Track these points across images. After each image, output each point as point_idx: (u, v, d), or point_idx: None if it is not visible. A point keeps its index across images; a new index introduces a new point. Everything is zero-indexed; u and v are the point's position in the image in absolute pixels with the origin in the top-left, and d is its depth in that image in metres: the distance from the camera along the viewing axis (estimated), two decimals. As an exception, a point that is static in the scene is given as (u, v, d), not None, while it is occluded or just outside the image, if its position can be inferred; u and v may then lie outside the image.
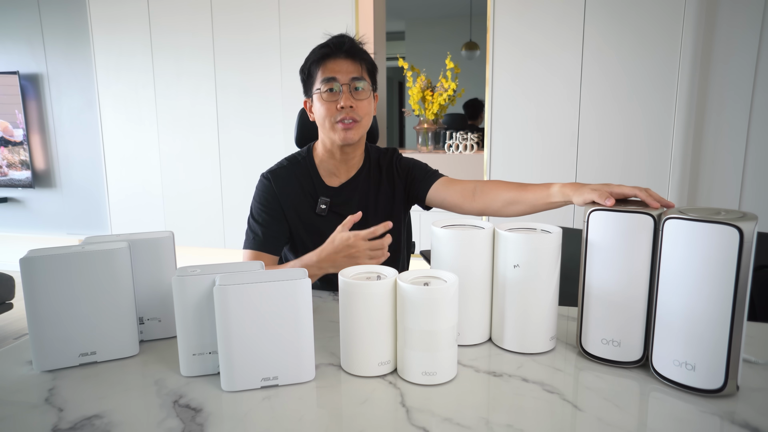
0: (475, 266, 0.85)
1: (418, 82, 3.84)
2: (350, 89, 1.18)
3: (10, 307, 2.61)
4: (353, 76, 1.18)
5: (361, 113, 1.20)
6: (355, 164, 1.31)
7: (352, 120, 1.18)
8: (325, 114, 1.19)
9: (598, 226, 0.78)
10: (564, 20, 2.83)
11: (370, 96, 1.22)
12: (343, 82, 1.17)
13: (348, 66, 1.19)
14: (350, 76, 1.18)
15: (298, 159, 1.32)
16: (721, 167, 2.79)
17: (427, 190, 1.27)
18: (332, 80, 1.17)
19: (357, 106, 1.19)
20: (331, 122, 1.19)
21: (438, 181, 1.27)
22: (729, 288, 0.66)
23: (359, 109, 1.19)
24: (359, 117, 1.19)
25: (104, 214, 4.08)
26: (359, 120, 1.20)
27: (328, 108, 1.19)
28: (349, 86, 1.18)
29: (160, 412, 0.68)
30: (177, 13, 3.56)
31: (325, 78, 1.18)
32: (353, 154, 1.28)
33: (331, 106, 1.18)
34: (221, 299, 0.70)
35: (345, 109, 1.17)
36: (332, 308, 1.06)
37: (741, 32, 2.64)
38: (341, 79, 1.18)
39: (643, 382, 0.75)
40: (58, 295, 0.79)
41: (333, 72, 1.18)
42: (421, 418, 0.65)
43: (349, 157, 1.28)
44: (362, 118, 1.20)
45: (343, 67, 1.18)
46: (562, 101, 2.89)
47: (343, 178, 1.30)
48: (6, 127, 4.06)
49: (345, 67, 1.18)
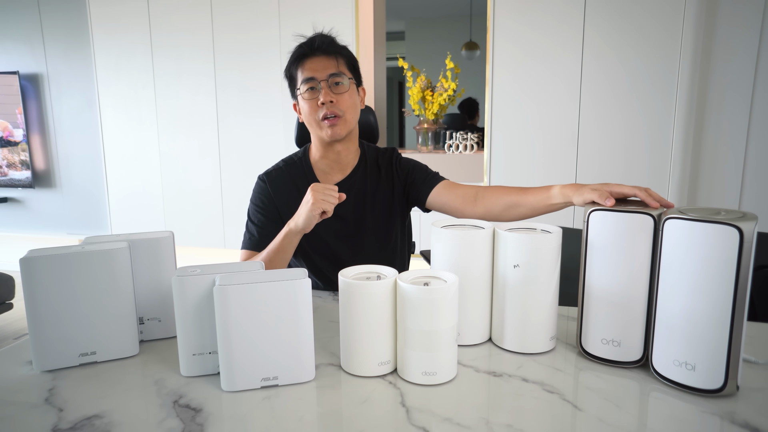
0: (475, 266, 0.85)
1: (418, 82, 3.84)
2: (329, 85, 1.19)
3: (10, 307, 2.61)
4: (330, 72, 1.19)
5: (342, 107, 1.20)
6: (349, 162, 1.30)
7: (335, 115, 1.19)
8: (309, 112, 1.21)
9: (598, 226, 0.78)
10: (564, 20, 2.83)
11: (351, 89, 1.22)
12: (320, 79, 1.18)
13: (324, 62, 1.20)
14: (327, 72, 1.19)
15: (294, 159, 1.33)
16: (721, 167, 2.79)
17: (428, 194, 1.27)
18: (311, 79, 1.19)
19: (337, 101, 1.19)
20: (315, 120, 1.21)
21: (439, 184, 1.26)
22: (729, 288, 0.66)
23: (340, 103, 1.20)
24: (341, 111, 1.20)
25: (104, 214, 4.08)
26: (341, 114, 1.20)
27: (311, 106, 1.20)
28: (327, 82, 1.18)
29: (160, 412, 0.68)
30: (177, 13, 3.56)
31: (304, 78, 1.20)
32: (345, 152, 1.28)
33: (313, 103, 1.20)
34: (221, 299, 0.70)
35: (326, 105, 1.18)
36: (332, 308, 1.06)
37: (741, 32, 2.64)
38: (319, 76, 1.19)
39: (643, 382, 0.75)
40: (58, 295, 0.79)
41: (311, 71, 1.19)
42: (421, 418, 0.65)
43: (341, 156, 1.28)
44: (344, 112, 1.20)
45: (319, 65, 1.19)
46: (562, 101, 2.89)
47: (338, 177, 1.30)
48: (6, 127, 4.06)
49: (322, 64, 1.19)
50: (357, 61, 1.27)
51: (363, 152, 1.34)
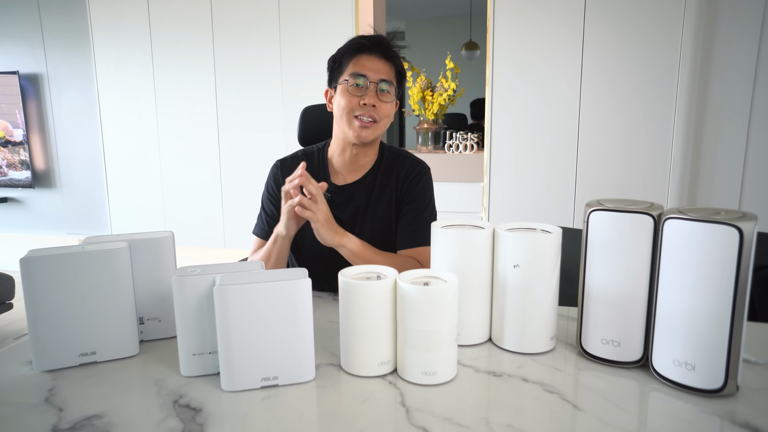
0: (475, 266, 0.85)
1: (418, 82, 3.84)
2: (377, 89, 1.16)
3: (10, 307, 2.61)
4: (383, 78, 1.17)
5: (381, 114, 1.18)
6: (363, 166, 1.27)
7: (372, 119, 1.17)
8: (346, 106, 1.17)
9: (598, 226, 0.78)
10: (564, 20, 2.82)
11: (393, 100, 1.21)
12: (371, 80, 1.16)
13: (380, 65, 1.17)
14: (380, 76, 1.17)
15: (313, 150, 1.31)
16: (721, 167, 2.79)
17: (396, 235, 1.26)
18: (361, 75, 1.16)
19: (380, 107, 1.17)
20: (350, 116, 1.17)
21: (401, 233, 1.24)
22: (729, 288, 0.66)
23: (381, 110, 1.17)
24: (379, 118, 1.18)
25: (104, 214, 4.08)
26: (378, 121, 1.18)
27: (350, 101, 1.17)
28: (376, 85, 1.16)
29: (160, 412, 0.68)
30: (177, 13, 3.56)
31: (355, 72, 1.16)
32: (362, 155, 1.25)
33: (354, 100, 1.16)
34: (221, 299, 0.70)
35: (367, 107, 1.16)
36: (332, 308, 1.06)
37: (741, 32, 2.64)
38: (371, 76, 1.16)
39: (643, 382, 0.75)
40: (58, 295, 0.79)
41: (364, 68, 1.16)
42: (421, 418, 0.65)
43: (357, 158, 1.25)
44: (381, 119, 1.19)
45: (375, 66, 1.17)
46: (562, 101, 2.89)
47: (349, 179, 1.27)
48: (6, 127, 4.06)
49: (377, 66, 1.17)
50: (405, 76, 1.25)
51: (381, 157, 1.29)
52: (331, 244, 1.10)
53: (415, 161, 1.30)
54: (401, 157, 1.30)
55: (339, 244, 1.11)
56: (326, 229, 1.08)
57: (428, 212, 1.26)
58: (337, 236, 1.10)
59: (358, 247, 1.12)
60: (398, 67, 1.22)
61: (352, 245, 1.12)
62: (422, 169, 1.29)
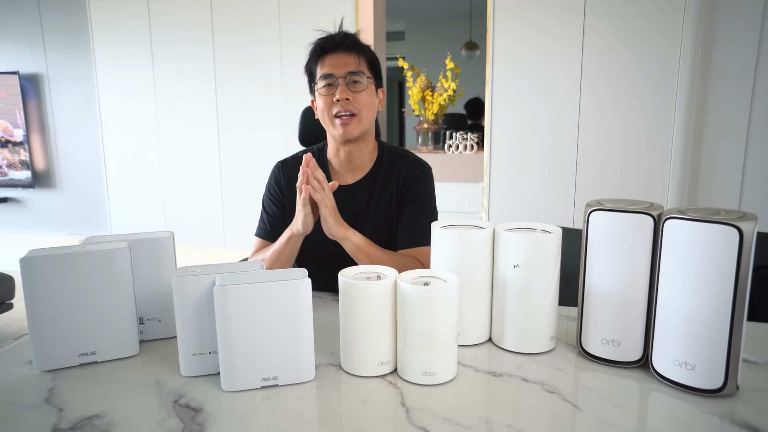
0: (475, 266, 0.85)
1: (418, 82, 3.84)
2: (346, 82, 1.16)
3: (10, 307, 2.61)
4: (350, 70, 1.17)
5: (359, 105, 1.17)
6: (362, 164, 1.27)
7: (350, 114, 1.16)
8: (323, 108, 1.18)
9: (598, 226, 0.78)
10: (564, 20, 2.83)
11: (369, 89, 1.19)
12: (338, 76, 1.16)
13: (345, 59, 1.17)
14: (347, 69, 1.17)
15: (313, 151, 1.31)
16: (721, 167, 2.79)
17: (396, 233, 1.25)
18: (329, 76, 1.17)
19: (354, 99, 1.16)
20: (329, 116, 1.18)
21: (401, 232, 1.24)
22: (729, 288, 0.66)
23: (356, 102, 1.17)
24: (356, 110, 1.17)
25: (104, 214, 4.08)
26: (357, 113, 1.17)
27: (326, 102, 1.18)
28: (345, 79, 1.16)
29: (160, 412, 0.68)
30: (177, 13, 3.56)
31: (323, 74, 1.17)
32: (356, 153, 1.25)
33: (328, 99, 1.17)
34: (221, 299, 0.70)
35: (341, 102, 1.16)
36: (332, 308, 1.06)
37: (741, 32, 2.64)
38: (337, 72, 1.16)
39: (643, 382, 0.75)
40: (58, 295, 0.79)
41: (331, 67, 1.17)
42: (421, 418, 0.65)
43: (352, 156, 1.25)
44: (360, 111, 1.17)
45: (340, 61, 1.17)
46: (562, 101, 2.89)
47: (349, 180, 1.27)
48: (6, 127, 4.06)
49: (342, 61, 1.17)
50: (379, 61, 1.25)
51: (381, 157, 1.28)
52: (336, 236, 1.11)
53: (415, 161, 1.30)
54: (402, 157, 1.29)
55: (344, 237, 1.11)
56: (333, 218, 1.08)
57: (429, 212, 1.26)
58: (343, 228, 1.11)
59: (361, 242, 1.13)
60: (367, 56, 1.22)
61: (356, 239, 1.12)
62: (423, 169, 1.29)
